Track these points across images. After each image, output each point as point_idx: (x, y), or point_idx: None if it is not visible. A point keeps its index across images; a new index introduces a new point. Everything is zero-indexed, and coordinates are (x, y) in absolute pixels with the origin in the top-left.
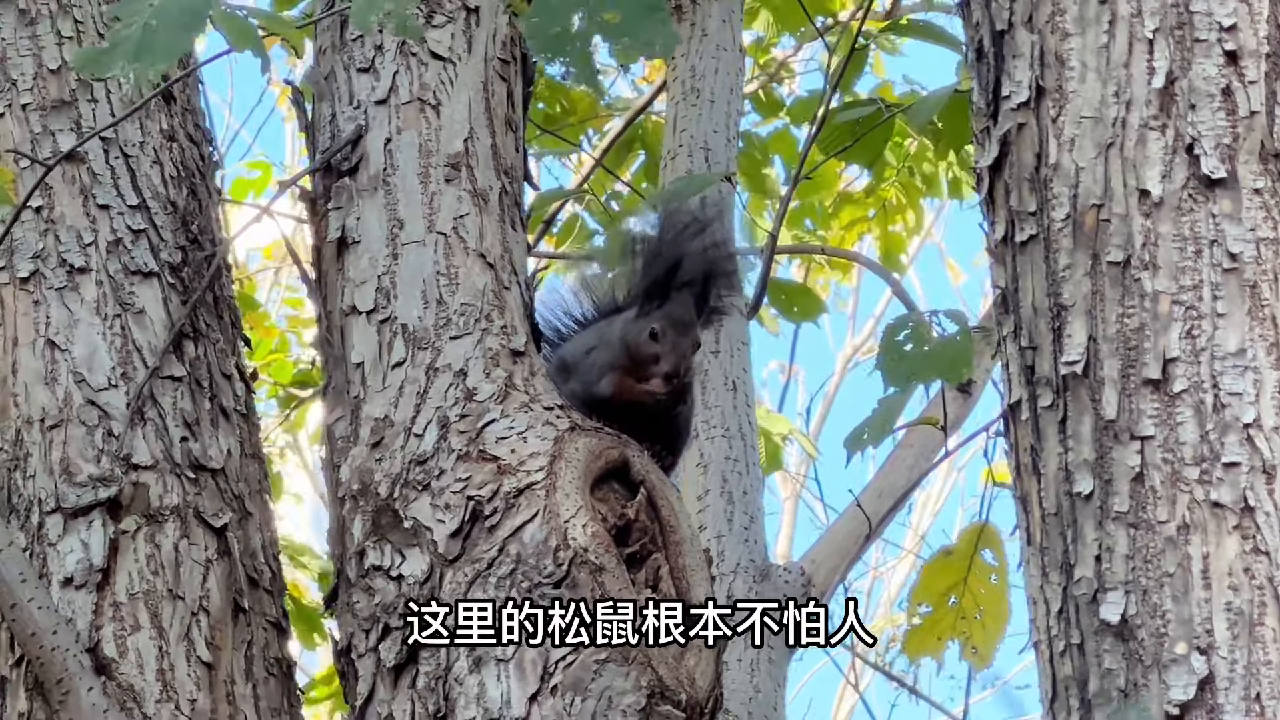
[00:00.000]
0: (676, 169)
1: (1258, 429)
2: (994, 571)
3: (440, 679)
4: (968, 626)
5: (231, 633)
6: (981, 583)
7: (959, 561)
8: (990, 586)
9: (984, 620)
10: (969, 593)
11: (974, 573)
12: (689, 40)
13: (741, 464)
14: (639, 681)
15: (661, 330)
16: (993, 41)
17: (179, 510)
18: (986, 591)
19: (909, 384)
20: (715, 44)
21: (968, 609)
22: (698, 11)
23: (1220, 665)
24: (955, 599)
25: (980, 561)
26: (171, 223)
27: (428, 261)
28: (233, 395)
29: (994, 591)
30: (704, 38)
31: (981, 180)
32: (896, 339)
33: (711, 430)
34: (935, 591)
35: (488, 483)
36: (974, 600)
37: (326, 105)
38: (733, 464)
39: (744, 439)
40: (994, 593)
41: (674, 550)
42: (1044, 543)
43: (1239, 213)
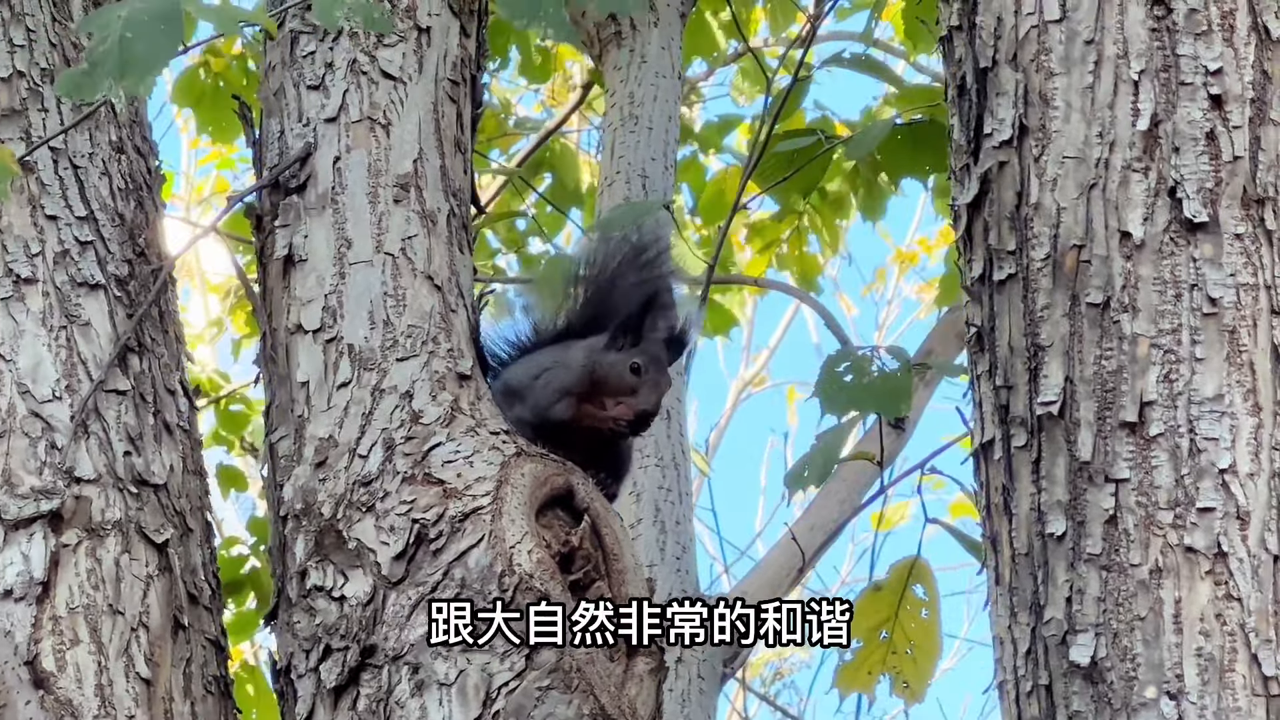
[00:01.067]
0: (614, 195)
1: (1233, 474)
2: (925, 606)
3: (381, 702)
4: (898, 661)
5: (171, 649)
6: (912, 617)
7: (889, 596)
8: (920, 621)
9: (915, 655)
10: (899, 627)
11: (905, 607)
12: (628, 66)
13: (674, 493)
14: (581, 709)
15: (644, 366)
16: (975, 78)
17: (121, 525)
18: (917, 626)
19: (846, 413)
20: (654, 71)
21: (898, 643)
22: (637, 38)
23: (1190, 711)
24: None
25: (911, 596)
26: (119, 235)
27: (375, 282)
28: (176, 411)
29: (925, 626)
30: (643, 64)
31: (959, 217)
32: (837, 370)
33: (645, 459)
34: (866, 626)
35: (433, 506)
36: (905, 635)
37: (275, 121)
38: (665, 493)
39: (677, 469)
40: (925, 627)
41: (617, 579)
42: (1013, 583)
43: (1220, 257)
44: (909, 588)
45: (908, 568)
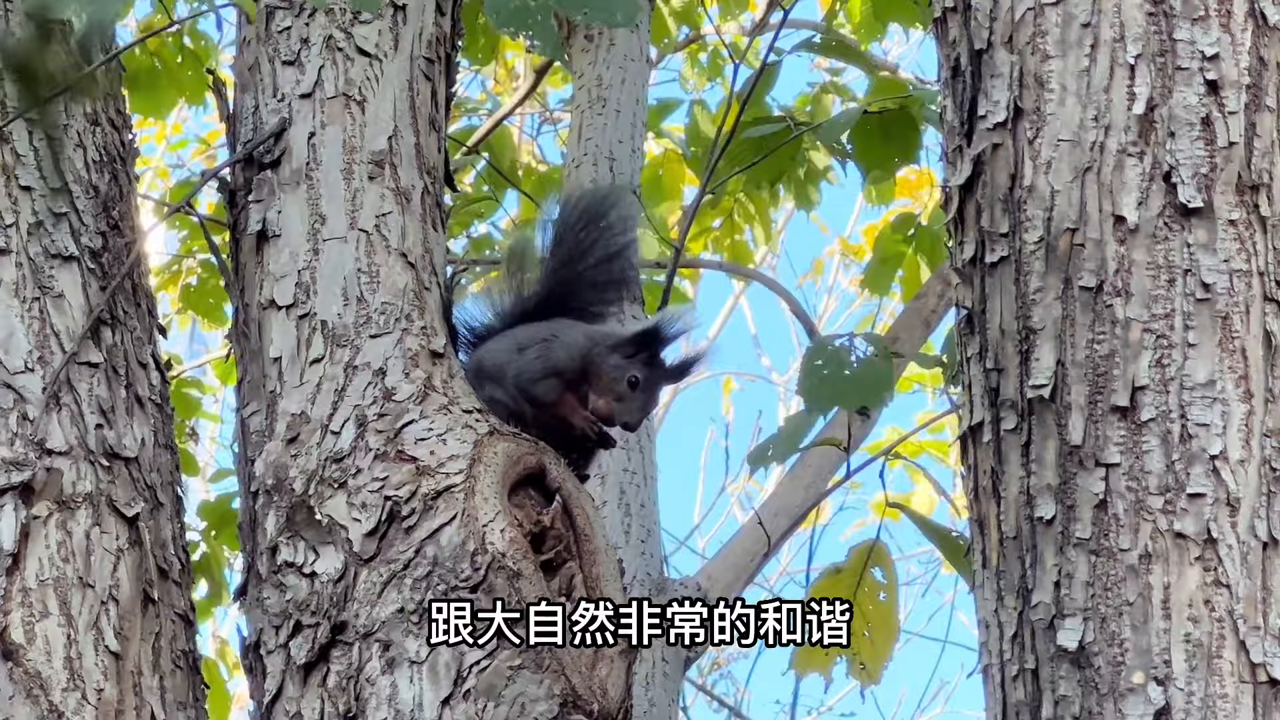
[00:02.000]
0: (581, 178)
1: (1224, 461)
2: (883, 589)
3: (352, 679)
4: (856, 643)
5: (140, 623)
6: (870, 600)
7: (848, 579)
8: (879, 604)
9: (873, 637)
10: (858, 609)
11: (863, 590)
12: (596, 49)
13: (640, 476)
14: (552, 689)
15: (641, 383)
16: (970, 60)
17: (92, 498)
18: (875, 609)
19: (830, 408)
20: (623, 54)
21: (856, 626)
22: None
23: (1177, 696)
24: None
25: (870, 579)
26: (93, 207)
27: (349, 258)
28: (148, 384)
29: (882, 609)
30: (611, 47)
31: (951, 199)
32: (816, 363)
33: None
34: None
35: (406, 483)
36: (863, 618)
37: (249, 96)
38: (630, 475)
39: (642, 452)
40: (882, 610)
41: (588, 559)
42: (1001, 566)
43: (1214, 243)
44: (868, 571)
45: (867, 551)
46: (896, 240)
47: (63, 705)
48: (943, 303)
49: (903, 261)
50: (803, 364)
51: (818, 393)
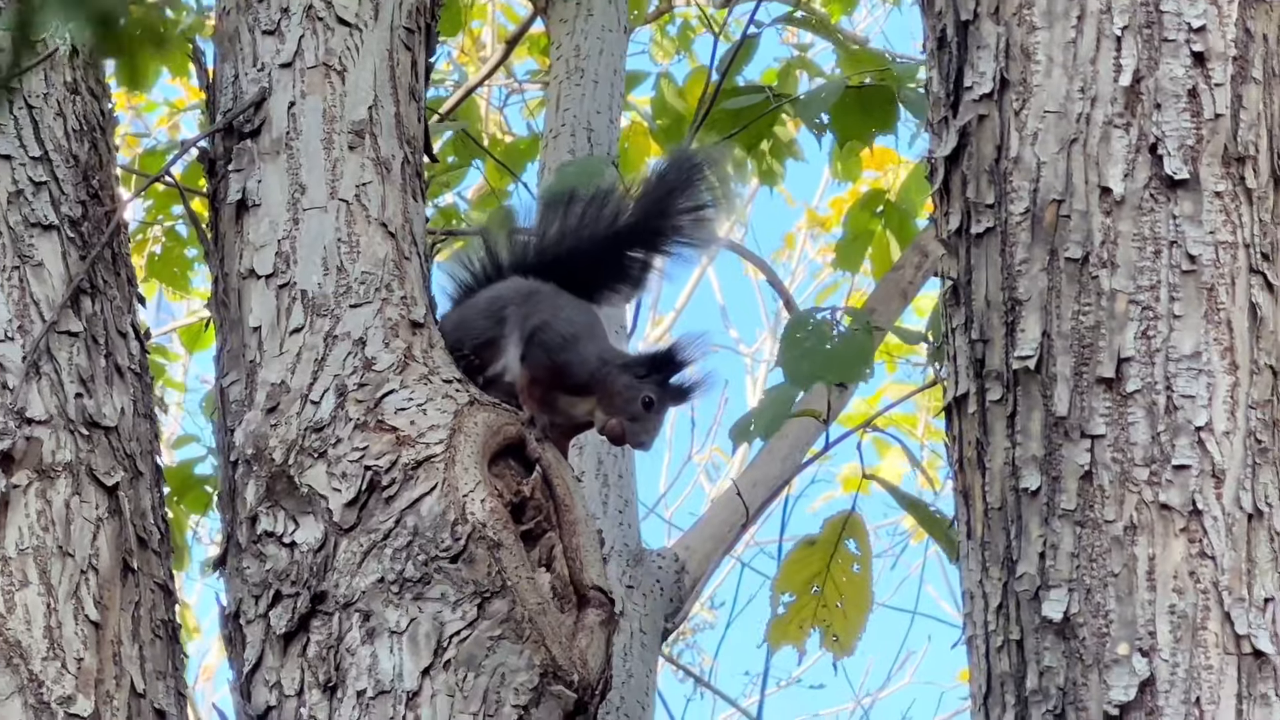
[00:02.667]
0: (559, 148)
1: (1209, 433)
2: (856, 561)
3: (332, 649)
4: (829, 615)
5: (120, 593)
6: (844, 571)
7: (822, 550)
8: (852, 575)
9: (845, 609)
10: (831, 581)
11: (837, 561)
12: (574, 19)
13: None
14: (532, 660)
15: (656, 405)
16: (956, 31)
17: (71, 467)
18: (848, 580)
19: (811, 383)
20: (600, 24)
21: (829, 597)
22: None
23: (1162, 668)
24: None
25: (844, 550)
26: (73, 176)
27: (329, 228)
28: (128, 353)
29: (855, 580)
30: (589, 17)
31: (936, 170)
32: (797, 336)
33: None
34: (798, 580)
35: (386, 453)
36: (836, 589)
37: (229, 66)
38: (608, 447)
39: None
40: (855, 581)
41: (568, 529)
42: (985, 537)
43: (1199, 215)
44: (842, 542)
45: (841, 522)
46: (866, 217)
47: (42, 674)
48: (920, 274)
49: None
50: (783, 337)
51: (799, 367)
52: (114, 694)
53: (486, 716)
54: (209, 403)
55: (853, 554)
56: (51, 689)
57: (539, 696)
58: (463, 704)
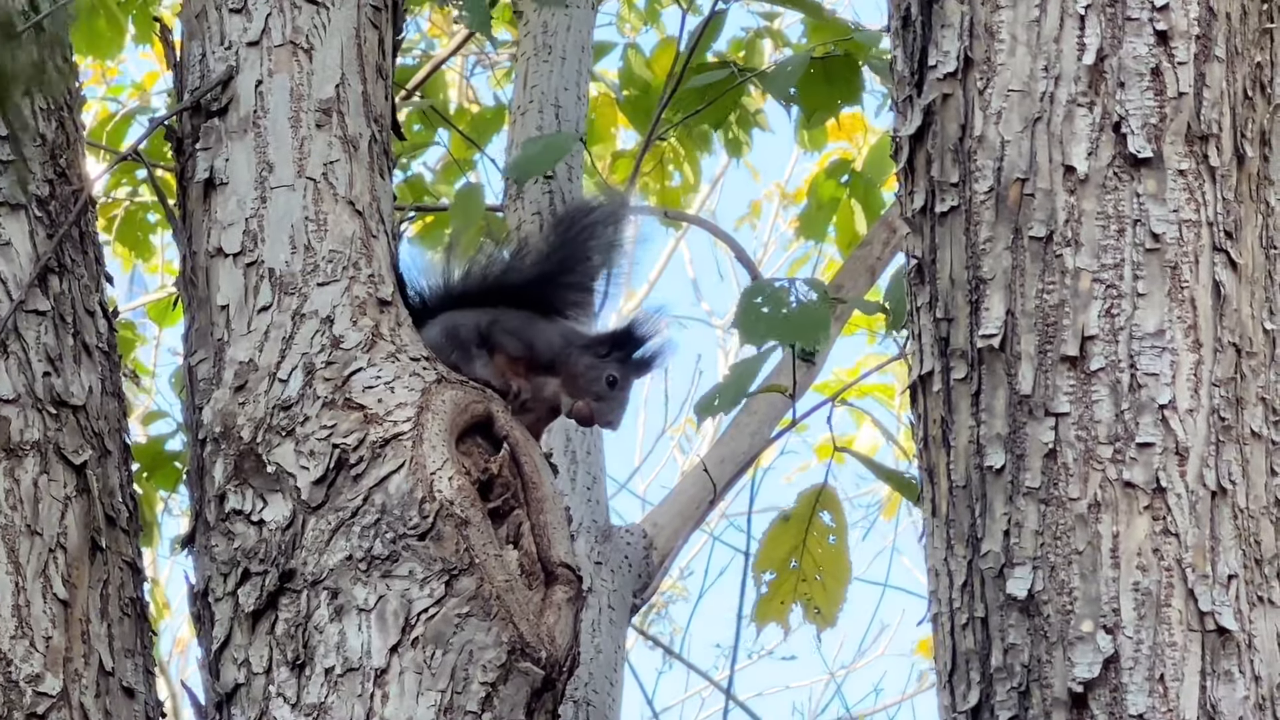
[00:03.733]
0: (526, 125)
1: (1173, 410)
2: (832, 532)
3: (300, 626)
4: (809, 588)
5: (88, 571)
6: (820, 544)
7: (797, 525)
8: (829, 547)
9: (825, 581)
10: (808, 555)
11: (812, 534)
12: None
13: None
14: (500, 637)
15: (621, 383)
16: (921, 9)
17: (39, 445)
18: (824, 552)
19: (765, 342)
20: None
21: (808, 571)
22: None
23: (1126, 645)
24: (796, 563)
25: (819, 523)
26: (40, 155)
27: (296, 206)
28: (95, 332)
29: (832, 552)
30: None
31: (901, 149)
32: (755, 301)
33: None
34: (776, 557)
35: (353, 431)
36: (814, 562)
37: (196, 44)
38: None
39: None
40: (832, 553)
41: (535, 507)
42: (950, 515)
43: (1163, 193)
44: (816, 515)
45: (815, 496)
46: (831, 185)
47: (10, 653)
48: (887, 250)
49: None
50: (740, 301)
51: (754, 328)
52: (82, 672)
53: (454, 693)
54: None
55: (828, 526)
56: (20, 667)
57: (507, 673)
58: (431, 681)
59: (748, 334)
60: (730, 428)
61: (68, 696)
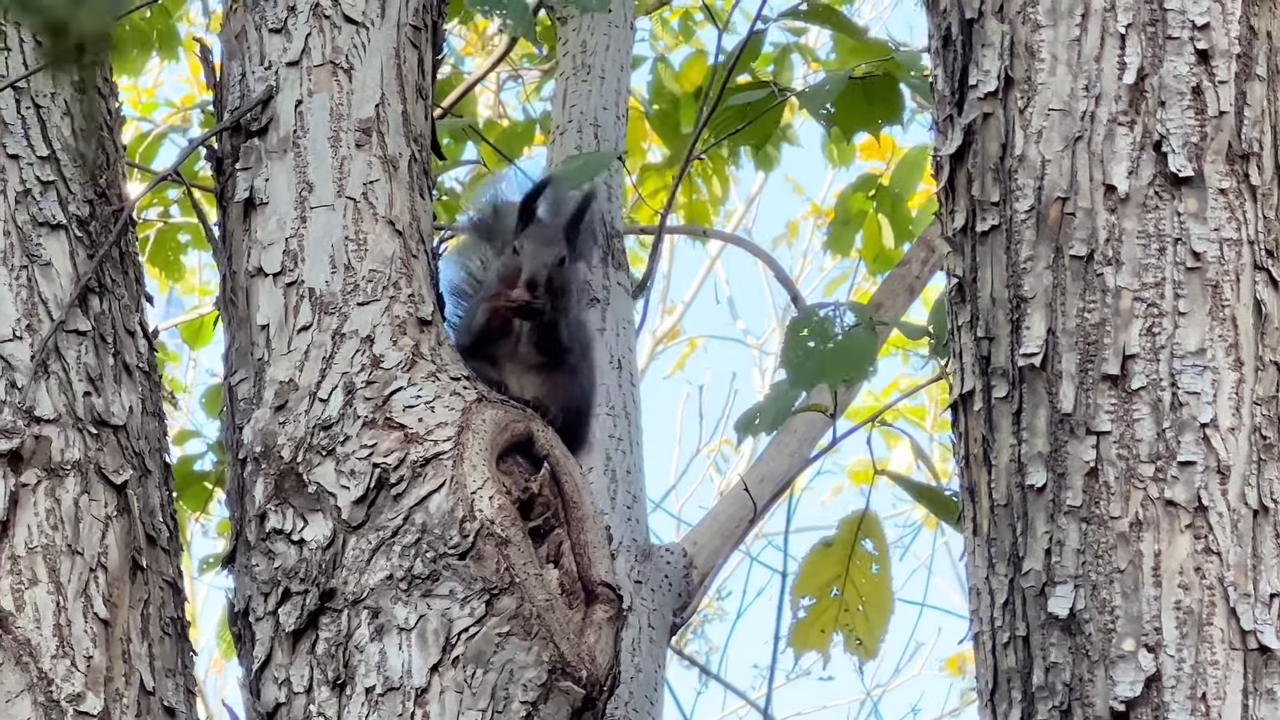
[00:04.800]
0: (565, 145)
1: (1214, 429)
2: (875, 561)
3: (341, 646)
4: (850, 618)
5: (129, 591)
6: (863, 573)
7: (839, 552)
8: (871, 576)
9: (866, 611)
10: (850, 584)
11: (855, 563)
12: (581, 15)
13: (625, 442)
14: (540, 656)
15: (520, 245)
16: (961, 29)
17: (80, 465)
18: (867, 581)
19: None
20: (608, 20)
21: (850, 600)
22: None
23: (1168, 663)
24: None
25: (861, 551)
26: (80, 176)
27: (336, 226)
28: (135, 352)
29: (875, 581)
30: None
31: (941, 168)
32: (800, 334)
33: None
34: (817, 584)
35: (394, 451)
36: (856, 591)
37: (236, 64)
38: (616, 442)
39: (628, 417)
40: (875, 582)
41: (576, 526)
42: (992, 534)
43: (1204, 212)
44: (859, 543)
45: (857, 522)
46: (859, 200)
47: (52, 672)
48: (926, 269)
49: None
50: (786, 336)
51: (803, 368)
52: (123, 692)
53: (495, 713)
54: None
55: (870, 554)
56: (61, 687)
57: (547, 693)
58: (471, 700)
59: (797, 376)
60: (770, 447)
61: (109, 716)
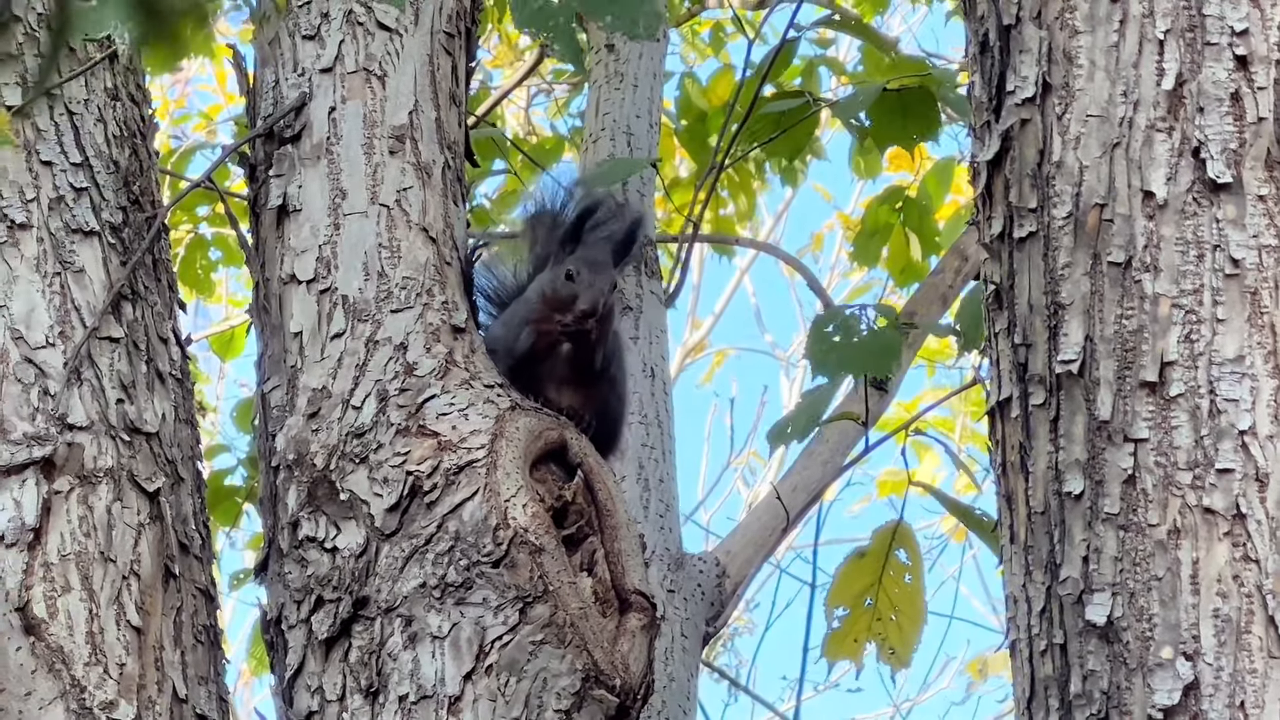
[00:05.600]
0: (599, 152)
1: (1252, 436)
2: (908, 571)
3: (374, 654)
4: (884, 628)
5: (162, 598)
6: (896, 583)
7: (873, 562)
8: (904, 586)
9: (900, 620)
10: (884, 593)
11: (888, 573)
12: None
13: (658, 451)
14: (574, 665)
15: (576, 270)
16: (999, 36)
17: (113, 473)
18: (900, 591)
19: (837, 375)
20: None
21: (883, 610)
22: None
23: (1206, 672)
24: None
25: (895, 561)
26: (113, 182)
27: (370, 233)
28: (169, 359)
29: (908, 591)
30: None
31: (979, 174)
32: (825, 330)
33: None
34: (850, 594)
35: (427, 458)
36: (889, 601)
37: (270, 71)
38: (649, 451)
39: (660, 426)
40: (908, 592)
41: (610, 534)
42: (1029, 541)
43: (1243, 218)
44: (892, 552)
45: (890, 533)
46: (885, 211)
47: (85, 680)
48: (959, 278)
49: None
50: (811, 330)
51: (825, 359)
52: (156, 699)
53: None
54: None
55: (903, 564)
56: (94, 694)
57: (581, 701)
58: (505, 709)
59: (819, 365)
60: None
61: None
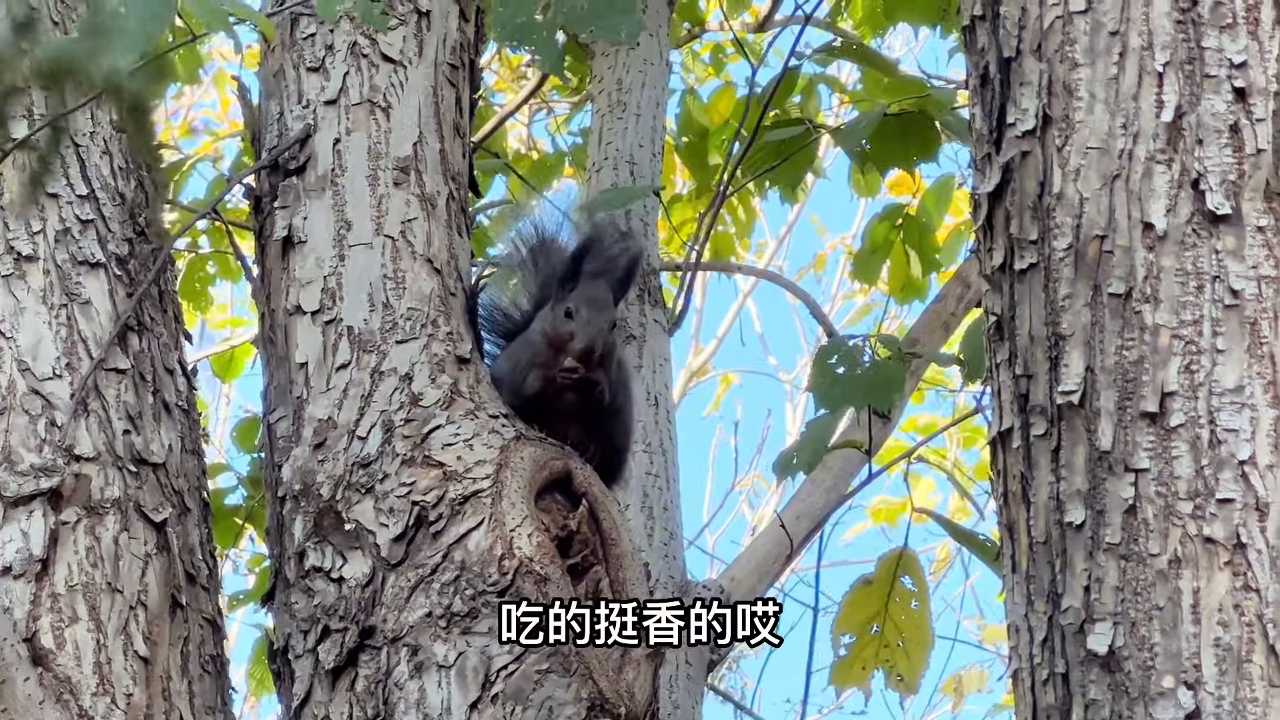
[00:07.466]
0: (601, 182)
1: (1253, 466)
2: (914, 597)
3: (380, 683)
4: (891, 654)
5: (169, 628)
6: (902, 610)
7: (879, 589)
8: (911, 613)
9: (906, 647)
10: (890, 620)
11: (894, 600)
12: (615, 53)
13: (662, 479)
14: (579, 693)
15: (575, 309)
16: (999, 68)
17: (120, 503)
18: (907, 618)
19: (841, 408)
20: (643, 58)
21: (890, 637)
22: None
23: (1207, 700)
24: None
25: (900, 588)
26: (119, 214)
27: (375, 264)
28: (175, 390)
29: (915, 617)
30: (631, 51)
31: (979, 206)
32: (828, 362)
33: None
34: (857, 621)
35: (433, 488)
36: (896, 628)
37: (274, 103)
38: (653, 479)
39: (665, 454)
40: (915, 619)
41: (614, 563)
42: (1030, 571)
43: (1242, 250)
44: (898, 579)
45: (895, 560)
46: (885, 229)
47: (92, 710)
48: (962, 305)
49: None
50: (814, 361)
51: (829, 392)
52: None
53: None
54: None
55: (909, 591)
56: None
57: None
58: None
59: (823, 398)
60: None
61: None
